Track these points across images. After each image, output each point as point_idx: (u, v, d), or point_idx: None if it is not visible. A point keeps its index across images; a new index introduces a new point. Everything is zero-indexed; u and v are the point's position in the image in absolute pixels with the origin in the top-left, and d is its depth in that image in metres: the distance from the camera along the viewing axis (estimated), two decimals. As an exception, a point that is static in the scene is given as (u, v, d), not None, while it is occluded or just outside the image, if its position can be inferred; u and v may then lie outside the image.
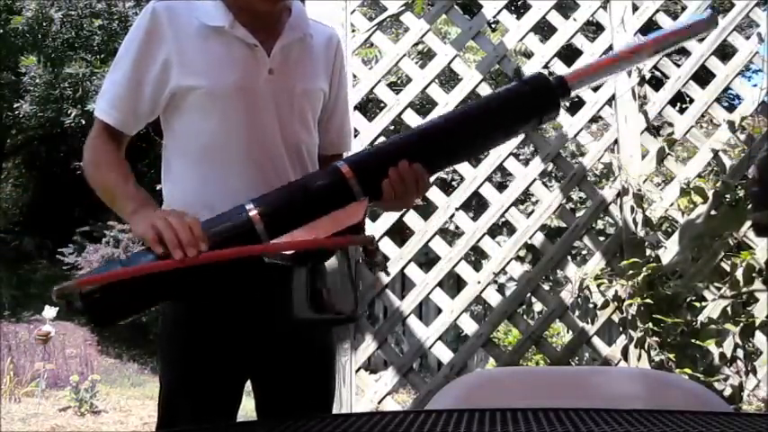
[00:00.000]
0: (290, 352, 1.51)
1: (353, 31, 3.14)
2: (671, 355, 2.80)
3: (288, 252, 1.30)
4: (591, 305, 3.01)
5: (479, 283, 3.03)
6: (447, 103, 3.11)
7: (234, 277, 1.48)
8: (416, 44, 3.37)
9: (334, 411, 1.95)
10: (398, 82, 5.53)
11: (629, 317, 2.91)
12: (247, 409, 1.60)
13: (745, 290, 2.88)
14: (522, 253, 3.96)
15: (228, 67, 1.46)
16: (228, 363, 1.49)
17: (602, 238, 3.33)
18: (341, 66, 1.62)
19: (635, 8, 3.17)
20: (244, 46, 1.47)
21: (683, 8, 3.23)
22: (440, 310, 3.10)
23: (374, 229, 3.01)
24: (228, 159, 1.47)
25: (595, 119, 3.36)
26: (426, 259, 4.55)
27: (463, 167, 3.13)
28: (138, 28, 1.48)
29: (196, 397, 1.48)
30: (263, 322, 1.49)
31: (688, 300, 2.96)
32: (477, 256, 4.76)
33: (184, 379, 1.50)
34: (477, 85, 3.13)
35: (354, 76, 3.13)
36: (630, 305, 2.89)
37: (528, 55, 4.59)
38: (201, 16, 1.47)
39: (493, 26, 5.62)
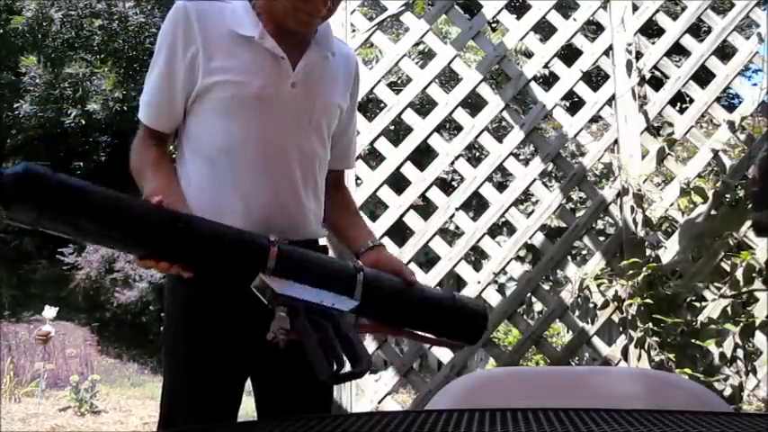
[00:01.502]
0: (289, 351, 1.51)
1: (353, 31, 3.14)
2: (671, 355, 2.80)
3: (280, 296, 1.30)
4: (591, 305, 3.01)
5: (479, 283, 3.03)
6: (447, 102, 3.11)
7: (236, 276, 1.47)
8: (416, 44, 3.37)
9: (334, 411, 1.95)
10: (398, 82, 5.53)
11: (629, 317, 2.91)
12: (247, 408, 1.60)
13: (745, 290, 2.88)
14: (522, 253, 3.96)
15: (254, 73, 1.47)
16: (231, 360, 1.49)
17: (602, 238, 3.33)
18: (357, 87, 1.68)
19: (635, 8, 3.18)
20: (270, 56, 1.48)
21: (684, 8, 3.23)
22: (440, 310, 3.09)
23: (374, 228, 3.01)
24: (242, 163, 1.48)
25: (595, 119, 3.36)
26: (426, 259, 4.56)
27: (463, 167, 3.13)
28: (167, 26, 1.49)
29: (199, 394, 1.49)
30: (264, 321, 1.49)
31: (688, 300, 2.96)
32: (477, 256, 4.77)
33: (188, 376, 1.50)
34: (477, 85, 3.13)
35: (354, 76, 3.13)
36: (630, 305, 2.89)
37: (528, 55, 4.59)
38: (231, 23, 1.48)
39: (493, 26, 5.62)
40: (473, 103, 3.60)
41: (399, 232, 3.31)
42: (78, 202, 1.20)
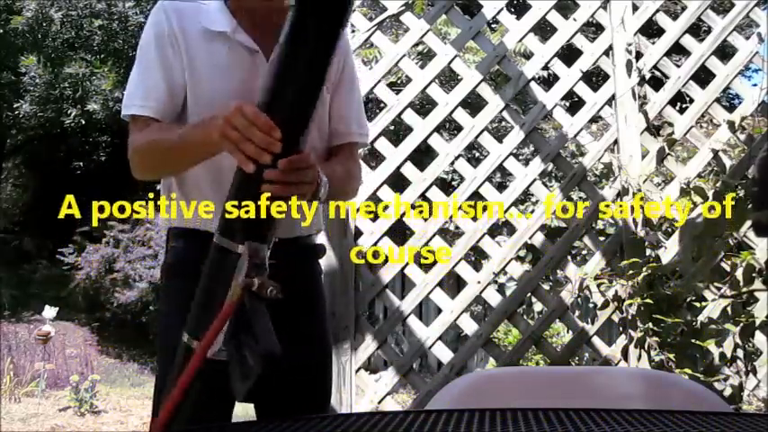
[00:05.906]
0: (287, 349, 1.50)
1: (353, 31, 3.14)
2: (671, 355, 2.79)
3: None
4: (591, 305, 3.01)
5: (479, 283, 3.03)
6: (447, 102, 3.11)
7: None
8: (416, 44, 3.37)
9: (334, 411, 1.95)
10: (398, 82, 5.53)
11: (629, 317, 2.91)
12: (244, 409, 1.60)
13: (745, 290, 2.88)
14: (522, 253, 3.96)
15: (228, 73, 1.46)
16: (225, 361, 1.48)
17: (602, 238, 3.33)
18: (343, 59, 1.57)
19: (635, 8, 3.18)
20: (245, 51, 1.47)
21: (684, 8, 3.23)
22: (440, 310, 3.10)
23: (374, 228, 3.01)
24: (224, 163, 1.47)
25: (595, 119, 3.36)
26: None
27: (463, 167, 3.13)
28: (151, 26, 1.49)
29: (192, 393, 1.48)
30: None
31: (688, 300, 2.96)
32: (477, 256, 4.76)
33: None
34: (477, 85, 3.13)
35: (354, 76, 3.13)
36: (630, 305, 2.89)
37: (528, 55, 4.59)
38: (205, 20, 1.47)
39: (493, 26, 5.62)
40: (473, 104, 3.60)
41: (399, 232, 3.31)
42: None
